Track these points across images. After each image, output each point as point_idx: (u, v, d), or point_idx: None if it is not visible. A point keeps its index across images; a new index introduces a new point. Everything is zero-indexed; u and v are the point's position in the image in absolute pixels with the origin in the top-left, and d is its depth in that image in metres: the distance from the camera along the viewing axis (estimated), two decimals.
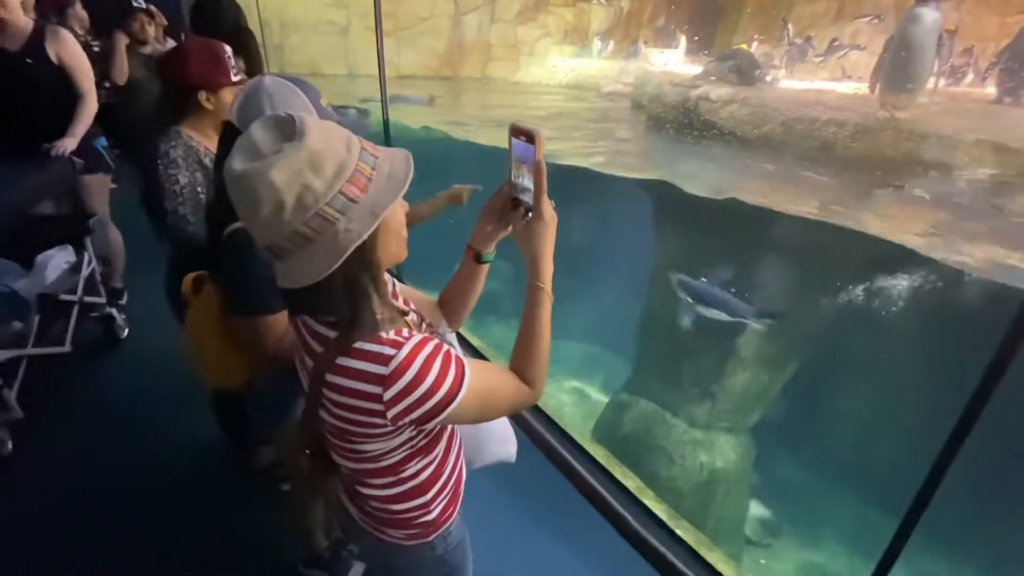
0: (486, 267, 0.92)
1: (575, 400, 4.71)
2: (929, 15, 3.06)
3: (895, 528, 1.07)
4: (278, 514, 1.60)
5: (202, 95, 1.42)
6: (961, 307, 2.95)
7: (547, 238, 0.77)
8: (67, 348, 2.26)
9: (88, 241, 2.43)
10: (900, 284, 3.28)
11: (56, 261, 2.25)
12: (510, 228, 0.84)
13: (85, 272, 2.37)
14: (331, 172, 0.59)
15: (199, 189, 1.42)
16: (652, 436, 3.62)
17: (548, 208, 0.76)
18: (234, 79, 1.43)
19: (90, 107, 2.37)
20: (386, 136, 2.55)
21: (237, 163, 0.59)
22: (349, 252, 0.61)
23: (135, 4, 2.85)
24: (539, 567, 1.72)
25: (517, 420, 1.77)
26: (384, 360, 0.65)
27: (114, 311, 2.61)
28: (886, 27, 6.59)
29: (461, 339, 2.33)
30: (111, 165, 2.66)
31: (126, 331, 2.68)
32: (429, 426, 0.72)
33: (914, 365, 3.41)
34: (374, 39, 2.38)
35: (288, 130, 0.60)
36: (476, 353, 2.30)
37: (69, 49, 2.29)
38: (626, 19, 10.36)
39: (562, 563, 1.75)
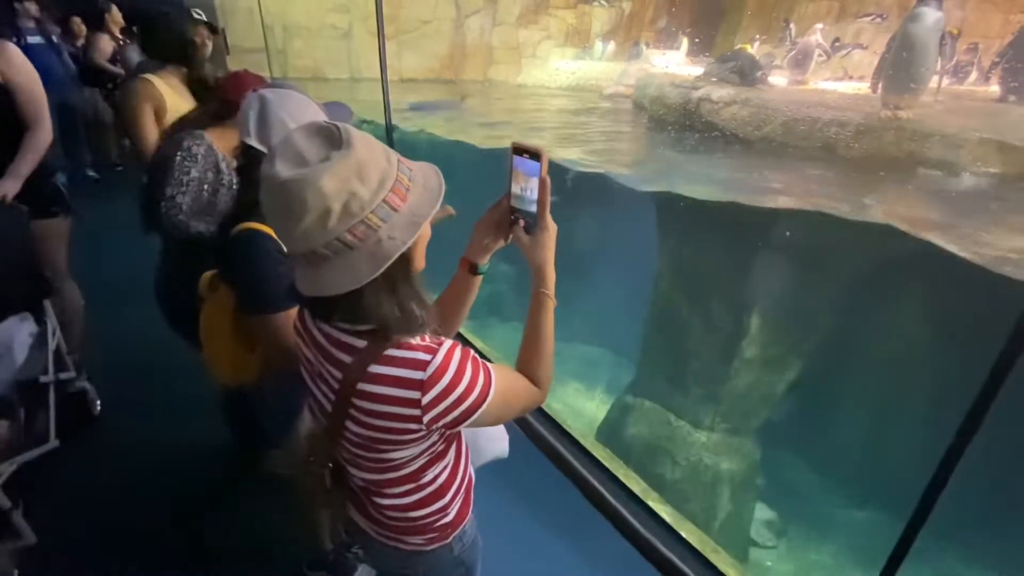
0: (480, 278, 0.94)
1: (579, 402, 4.71)
2: (931, 14, 3.05)
3: (901, 529, 1.07)
4: (284, 516, 1.61)
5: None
6: (968, 305, 2.93)
7: (551, 248, 0.81)
8: (54, 443, 1.71)
9: (48, 305, 2.01)
10: (905, 283, 3.27)
11: (21, 337, 1.83)
12: (506, 240, 0.87)
13: (52, 344, 1.92)
14: (376, 181, 0.61)
15: (205, 187, 1.49)
16: (656, 438, 3.62)
17: (551, 220, 0.80)
18: None
19: (40, 139, 1.93)
20: (389, 142, 2.56)
21: (283, 170, 0.59)
22: (393, 259, 0.63)
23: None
24: (542, 569, 1.72)
25: (519, 423, 1.78)
26: (421, 365, 0.67)
27: (86, 384, 2.20)
28: (889, 26, 6.58)
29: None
30: (70, 206, 2.16)
31: (99, 404, 2.25)
32: (457, 428, 0.74)
33: (921, 364, 3.39)
34: (376, 43, 2.39)
35: (335, 139, 0.61)
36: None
37: (17, 67, 1.87)
38: (627, 21, 10.37)
39: (565, 565, 1.75)
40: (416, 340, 0.69)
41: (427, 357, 0.67)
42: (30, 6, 4.26)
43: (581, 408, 4.58)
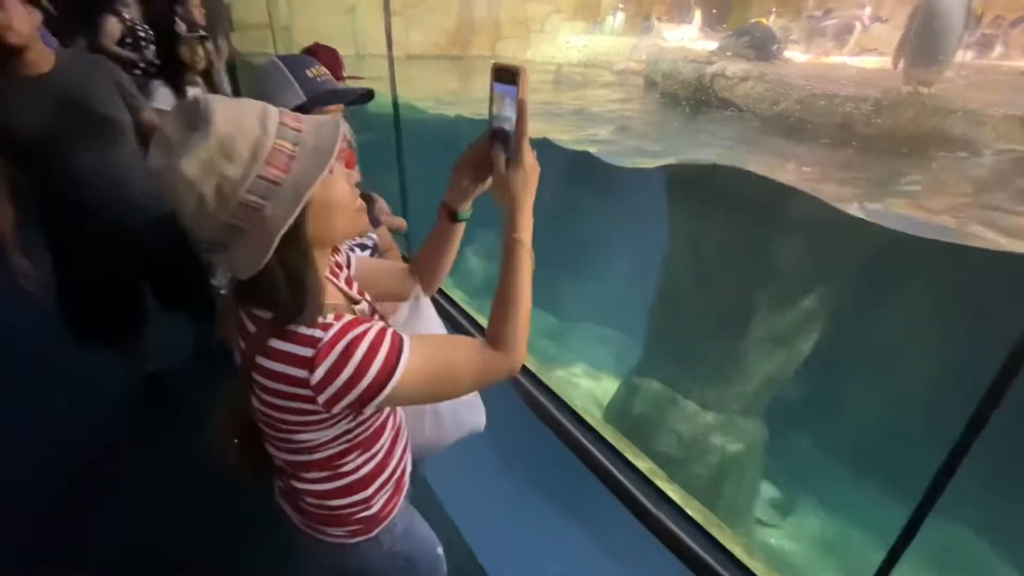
0: (461, 226, 0.86)
1: (586, 381, 4.73)
2: None
3: (910, 508, 1.06)
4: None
5: None
6: (984, 285, 2.88)
7: (527, 187, 0.69)
8: None
9: None
10: (919, 263, 3.21)
11: None
12: (488, 183, 0.77)
13: None
14: (246, 155, 0.55)
15: None
16: (664, 418, 3.63)
17: (530, 154, 0.68)
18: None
19: None
20: (396, 122, 2.52)
21: (153, 159, 0.56)
22: (278, 239, 0.57)
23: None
24: (551, 545, 1.75)
25: (526, 398, 1.78)
26: (312, 343, 0.61)
27: None
28: None
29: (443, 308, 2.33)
30: None
31: None
32: (369, 410, 0.67)
33: (934, 345, 3.36)
34: (382, 18, 2.35)
35: (194, 117, 0.55)
36: (455, 319, 2.28)
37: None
38: None
39: (572, 540, 1.77)
40: (327, 319, 0.63)
41: (320, 335, 0.62)
42: None
43: (590, 388, 4.60)
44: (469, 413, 1.19)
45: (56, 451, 2.07)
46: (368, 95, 1.11)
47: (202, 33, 2.47)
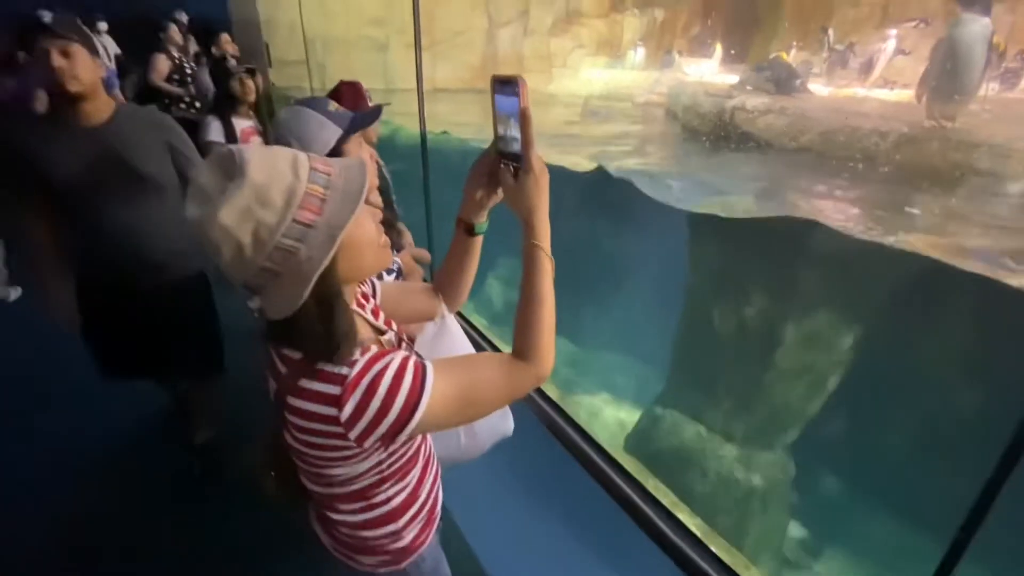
0: (480, 240, 0.86)
1: (606, 410, 4.68)
2: (978, 22, 2.96)
3: (942, 551, 1.04)
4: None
5: None
6: (1014, 322, 2.81)
7: (539, 192, 0.69)
8: None
9: None
10: (949, 298, 3.15)
11: None
12: (500, 193, 0.76)
13: None
14: (281, 202, 0.57)
15: None
16: (686, 450, 3.56)
17: (538, 160, 0.68)
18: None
19: None
20: (423, 156, 2.62)
21: (190, 210, 0.58)
22: (314, 280, 0.59)
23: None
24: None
25: (550, 426, 1.79)
26: (339, 380, 0.63)
27: None
28: (934, 31, 6.37)
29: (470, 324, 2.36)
30: None
31: None
32: (401, 439, 0.67)
33: (970, 379, 3.25)
34: (412, 55, 2.47)
35: (230, 167, 0.57)
36: (480, 336, 2.30)
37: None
38: (660, 29, 10.34)
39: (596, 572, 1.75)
40: (354, 355, 0.64)
41: (346, 371, 0.63)
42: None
43: (608, 417, 4.55)
44: (501, 419, 1.22)
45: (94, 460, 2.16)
46: (378, 109, 1.29)
47: (250, 66, 2.64)
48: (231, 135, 2.49)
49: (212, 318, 1.98)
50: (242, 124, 2.55)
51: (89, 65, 1.49)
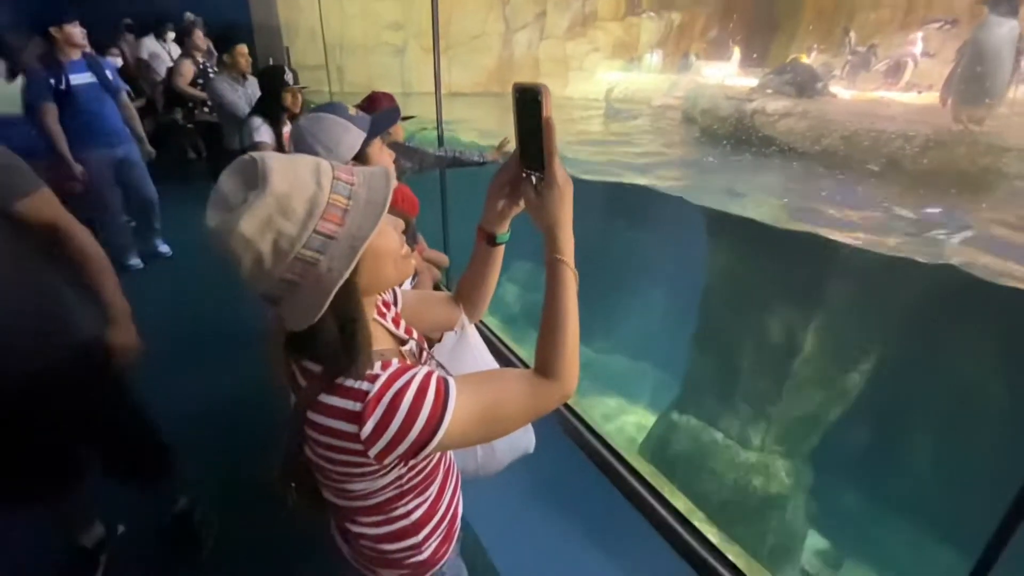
0: (501, 250, 0.84)
1: (621, 416, 4.65)
2: (1004, 23, 2.88)
3: (968, 565, 1.02)
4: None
5: None
6: None
7: (563, 204, 0.67)
8: None
9: None
10: (970, 309, 3.07)
11: None
12: (522, 203, 0.74)
13: None
14: (303, 212, 0.56)
15: None
16: (703, 457, 3.53)
17: (561, 171, 0.66)
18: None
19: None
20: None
21: (210, 218, 0.56)
22: (335, 292, 0.58)
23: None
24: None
25: (573, 437, 1.78)
26: (359, 396, 0.61)
27: None
28: (959, 32, 6.22)
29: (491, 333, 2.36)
30: None
31: None
32: (421, 456, 0.65)
33: (996, 391, 3.17)
34: (429, 59, 2.49)
35: (251, 176, 0.56)
36: (496, 348, 2.30)
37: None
38: (677, 32, 10.27)
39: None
40: (375, 368, 0.63)
41: (367, 387, 0.61)
42: (73, 31, 3.02)
43: (622, 422, 4.52)
44: (521, 435, 1.21)
45: None
46: (396, 110, 1.33)
47: (303, 85, 2.85)
48: (279, 138, 2.54)
49: (126, 404, 1.45)
50: (286, 131, 2.65)
51: None
